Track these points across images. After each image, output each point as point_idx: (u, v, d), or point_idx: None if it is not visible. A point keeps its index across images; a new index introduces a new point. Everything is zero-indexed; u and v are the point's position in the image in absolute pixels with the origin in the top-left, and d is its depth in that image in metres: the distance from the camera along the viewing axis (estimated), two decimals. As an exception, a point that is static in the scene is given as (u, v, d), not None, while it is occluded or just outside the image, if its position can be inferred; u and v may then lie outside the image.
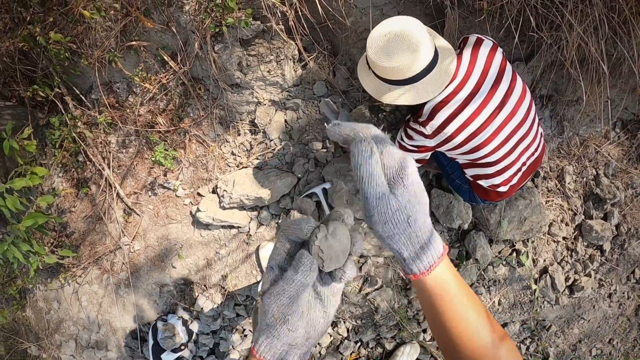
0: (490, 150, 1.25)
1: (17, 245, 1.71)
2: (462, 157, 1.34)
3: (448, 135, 1.21)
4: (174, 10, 1.74)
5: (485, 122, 1.20)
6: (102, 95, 1.80)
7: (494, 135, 1.22)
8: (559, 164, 1.84)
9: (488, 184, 1.38)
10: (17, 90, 2.02)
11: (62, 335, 2.15)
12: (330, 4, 1.73)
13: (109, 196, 1.86)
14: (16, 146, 1.76)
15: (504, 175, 1.34)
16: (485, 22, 1.60)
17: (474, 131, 1.21)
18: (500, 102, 1.21)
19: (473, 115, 1.19)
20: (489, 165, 1.31)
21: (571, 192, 1.83)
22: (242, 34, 1.72)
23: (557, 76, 1.72)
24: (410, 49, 1.09)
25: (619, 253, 1.84)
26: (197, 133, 1.78)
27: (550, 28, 1.54)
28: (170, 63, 1.77)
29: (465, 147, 1.25)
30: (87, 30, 1.81)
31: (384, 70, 1.14)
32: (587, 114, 1.81)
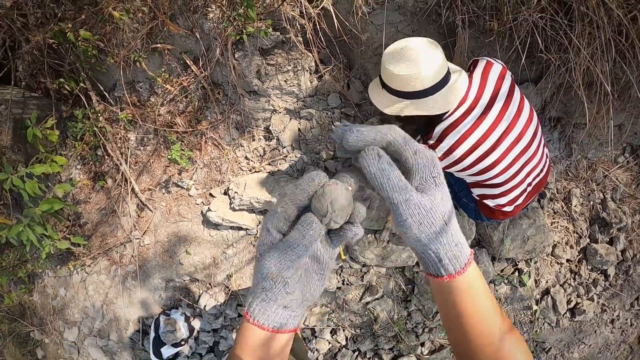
0: (497, 172, 1.28)
1: (32, 228, 1.77)
2: (469, 178, 1.37)
3: (457, 157, 1.25)
4: (198, 17, 1.82)
5: (493, 145, 1.24)
6: (125, 93, 1.88)
7: (501, 157, 1.26)
8: (566, 186, 1.87)
9: (494, 204, 1.42)
10: (44, 83, 2.12)
11: (66, 322, 2.21)
12: (347, 19, 1.80)
13: (124, 190, 1.94)
14: (39, 134, 1.83)
15: (510, 196, 1.38)
16: (495, 43, 1.65)
17: (483, 154, 1.24)
18: (509, 125, 1.25)
19: (482, 138, 1.23)
20: (496, 186, 1.35)
21: (577, 215, 1.85)
22: (262, 44, 1.80)
23: (566, 98, 1.76)
24: (424, 62, 1.14)
25: (623, 279, 1.85)
26: (213, 136, 1.85)
27: (558, 50, 1.58)
28: (192, 67, 1.85)
29: (474, 169, 1.28)
30: (115, 31, 1.90)
31: (395, 77, 1.18)
32: (596, 138, 1.83)
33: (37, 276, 2.25)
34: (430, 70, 1.15)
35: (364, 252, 1.73)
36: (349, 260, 1.78)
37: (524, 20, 1.53)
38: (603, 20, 1.43)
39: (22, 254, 2.24)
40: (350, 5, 1.80)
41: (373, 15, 1.78)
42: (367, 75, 1.90)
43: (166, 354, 2.01)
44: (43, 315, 2.30)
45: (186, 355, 2.05)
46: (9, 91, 2.08)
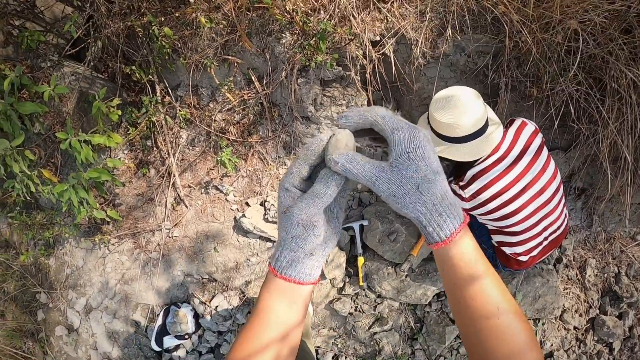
0: (517, 220, 1.41)
1: (76, 190, 1.87)
2: (491, 223, 1.50)
3: (483, 200, 1.38)
4: (272, 39, 2.00)
5: (517, 194, 1.37)
6: (189, 93, 2.03)
7: (522, 207, 1.39)
8: (583, 255, 1.98)
9: (511, 252, 1.54)
10: (111, 67, 2.28)
11: (76, 292, 2.27)
12: (403, 67, 1.98)
13: (165, 182, 2.05)
14: (103, 109, 1.96)
15: (526, 246, 1.50)
16: (532, 108, 1.82)
17: (506, 200, 1.37)
18: (533, 178, 1.38)
19: (508, 186, 1.36)
20: (514, 234, 1.47)
21: (590, 285, 1.95)
22: (324, 75, 1.97)
23: (593, 170, 1.88)
24: (465, 113, 1.28)
25: (627, 355, 1.92)
26: (260, 150, 1.98)
27: (589, 121, 1.71)
28: (255, 83, 2.01)
29: (496, 214, 1.41)
30: (193, 36, 2.08)
31: (439, 124, 1.33)
32: (617, 213, 1.95)
33: (59, 242, 2.34)
34: (470, 121, 1.29)
35: (382, 282, 1.83)
36: (365, 288, 1.87)
37: (560, 91, 1.69)
38: (632, 98, 1.56)
39: (50, 217, 2.33)
40: (408, 56, 1.97)
41: (427, 68, 1.95)
42: (412, 121, 2.05)
43: (167, 343, 2.07)
44: (54, 281, 2.37)
45: (186, 349, 2.11)
46: (80, 66, 2.24)
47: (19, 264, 2.50)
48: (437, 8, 1.89)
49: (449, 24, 1.85)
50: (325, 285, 1.90)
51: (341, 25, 1.92)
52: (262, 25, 2.03)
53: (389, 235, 1.82)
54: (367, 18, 2.02)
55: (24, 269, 2.51)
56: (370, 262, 1.86)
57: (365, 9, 2.00)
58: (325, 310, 1.93)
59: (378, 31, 2.02)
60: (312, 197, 0.48)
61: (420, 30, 1.96)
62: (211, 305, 1.99)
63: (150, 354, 2.17)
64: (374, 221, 1.82)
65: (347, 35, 1.95)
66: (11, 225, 2.49)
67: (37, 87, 1.99)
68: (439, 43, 1.95)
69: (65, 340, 2.36)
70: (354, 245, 1.87)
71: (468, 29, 1.84)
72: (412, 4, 1.94)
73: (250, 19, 2.00)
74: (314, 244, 0.49)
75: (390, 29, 1.97)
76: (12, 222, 2.43)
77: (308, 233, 0.48)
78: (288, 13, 1.97)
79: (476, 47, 1.87)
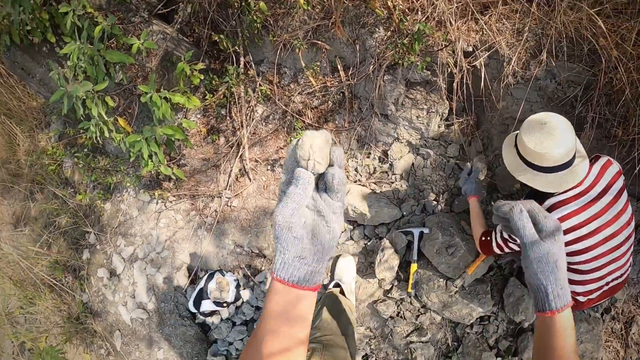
0: (586, 258, 1.43)
1: (148, 143, 1.93)
2: None
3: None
4: (365, 32, 2.01)
5: (591, 232, 1.39)
6: (271, 71, 2.06)
7: (594, 246, 1.40)
8: (632, 311, 1.93)
9: (570, 289, 1.50)
10: (197, 33, 2.33)
11: (125, 239, 2.37)
12: (491, 83, 1.94)
13: (233, 152, 2.10)
14: (187, 71, 2.01)
15: (587, 287, 1.52)
16: (614, 149, 1.77)
17: (580, 236, 1.39)
18: (610, 219, 1.40)
19: (585, 222, 1.38)
20: (579, 272, 1.49)
21: (632, 343, 1.90)
22: (411, 76, 1.96)
23: None
24: (558, 143, 1.30)
25: None
26: (334, 138, 2.00)
27: None
28: (340, 72, 2.03)
29: (567, 248, 1.43)
30: (285, 15, 2.10)
31: (528, 150, 1.35)
32: None
33: (117, 189, 2.44)
34: (561, 152, 1.30)
35: (430, 293, 1.83)
36: (412, 296, 1.87)
37: (647, 137, 1.64)
38: None
39: (115, 164, 2.42)
40: (498, 72, 1.95)
41: (515, 88, 1.93)
42: (490, 140, 2.03)
43: (204, 307, 2.14)
44: (106, 225, 2.48)
45: (221, 317, 2.16)
46: (168, 27, 2.30)
47: (75, 202, 2.62)
48: (535, 29, 1.86)
49: (544, 47, 1.83)
50: (372, 285, 1.91)
51: (437, 29, 1.89)
52: (357, 16, 2.04)
53: (447, 248, 1.81)
54: (463, 27, 2.00)
55: (78, 208, 2.63)
56: (422, 271, 1.86)
57: (463, 17, 1.98)
58: (367, 308, 1.95)
59: (472, 42, 2.00)
60: (285, 199, 0.50)
61: (515, 49, 1.93)
62: (255, 280, 2.04)
63: (185, 313, 2.26)
64: (435, 231, 1.81)
65: (441, 41, 1.93)
66: (75, 165, 2.61)
67: (126, 38, 2.08)
68: (532, 65, 1.92)
69: (105, 283, 2.48)
70: (409, 251, 1.87)
71: (563, 56, 1.82)
72: (510, 20, 1.91)
73: (346, 7, 2.00)
74: (297, 246, 0.50)
75: (485, 42, 1.95)
76: (77, 161, 2.56)
77: (286, 234, 0.50)
78: (387, 8, 1.96)
79: (568, 75, 1.84)
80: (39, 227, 2.91)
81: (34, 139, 3.00)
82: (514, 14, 1.86)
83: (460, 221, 1.92)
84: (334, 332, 1.44)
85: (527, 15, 1.82)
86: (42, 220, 2.96)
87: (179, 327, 2.29)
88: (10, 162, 3.23)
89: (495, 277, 1.93)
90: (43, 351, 2.80)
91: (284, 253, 0.50)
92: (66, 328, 2.74)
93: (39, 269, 2.79)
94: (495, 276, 1.93)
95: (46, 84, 2.51)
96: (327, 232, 0.53)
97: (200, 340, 2.30)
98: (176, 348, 2.34)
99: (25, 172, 3.08)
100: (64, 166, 2.77)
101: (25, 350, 3.15)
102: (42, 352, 2.80)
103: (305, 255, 0.51)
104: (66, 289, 2.74)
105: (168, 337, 2.33)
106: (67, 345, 2.80)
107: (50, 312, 2.84)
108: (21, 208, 3.11)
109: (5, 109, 3.15)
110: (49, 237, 2.82)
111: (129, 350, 2.47)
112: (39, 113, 3.08)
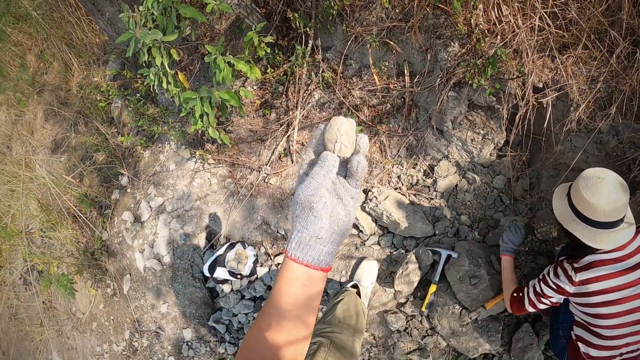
0: (609, 324, 1.43)
1: (202, 103, 1.97)
2: (582, 316, 1.53)
3: (589, 291, 1.41)
4: (439, 43, 1.98)
5: (622, 299, 1.39)
6: (337, 60, 2.06)
7: (620, 314, 1.40)
8: (642, 390, 1.88)
9: (584, 351, 1.56)
10: (271, 7, 2.34)
11: (156, 190, 2.44)
12: (553, 124, 1.90)
13: (282, 131, 2.13)
14: (255, 41, 2.03)
15: (601, 352, 1.51)
16: None
17: (610, 301, 1.39)
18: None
19: (616, 288, 1.38)
20: (598, 336, 1.49)
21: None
22: (475, 98, 1.93)
23: None
24: (610, 198, 1.32)
25: None
26: (384, 141, 2.01)
27: None
28: (406, 77, 2.02)
29: (593, 310, 1.44)
30: (363, 8, 2.10)
31: (583, 201, 1.36)
32: None
33: (160, 140, 2.51)
34: (611, 207, 1.32)
35: (442, 318, 1.83)
36: (424, 315, 1.87)
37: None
38: None
39: (164, 115, 2.48)
40: (562, 115, 1.91)
41: (576, 136, 1.89)
42: (538, 180, 2.00)
43: (218, 274, 2.20)
44: (141, 171, 2.56)
45: (232, 287, 2.21)
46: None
47: (115, 142, 2.70)
48: (610, 81, 1.80)
49: (615, 102, 1.80)
50: (387, 294, 1.92)
51: (512, 58, 1.86)
52: (435, 25, 2.02)
53: (471, 278, 1.80)
54: (538, 61, 1.97)
55: (118, 148, 2.71)
56: (440, 294, 1.86)
57: (540, 52, 1.95)
58: (376, 316, 1.97)
59: (544, 79, 1.97)
60: (309, 179, 0.52)
61: (585, 96, 1.89)
62: (274, 260, 2.07)
63: (197, 275, 2.32)
64: (463, 257, 1.81)
65: (514, 70, 1.90)
66: (125, 107, 2.68)
67: None
68: (598, 117, 1.88)
69: (127, 226, 2.56)
70: (432, 271, 1.87)
71: (632, 115, 1.79)
72: (587, 66, 1.87)
73: (426, 14, 1.98)
74: (316, 225, 0.51)
75: (557, 81, 1.92)
76: (127, 104, 2.62)
77: (307, 213, 0.51)
78: (468, 25, 1.93)
79: (632, 136, 1.81)
80: (76, 158, 3.02)
81: (90, 73, 3.10)
82: (591, 60, 1.82)
83: (491, 255, 1.90)
84: (344, 332, 1.46)
85: (605, 65, 1.78)
86: (80, 152, 3.07)
87: (189, 287, 2.35)
88: (61, 89, 3.34)
89: (510, 318, 1.92)
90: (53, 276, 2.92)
91: (301, 232, 0.52)
92: (80, 260, 2.85)
93: (67, 198, 2.90)
94: (510, 317, 1.92)
95: (114, 24, 2.59)
96: (345, 215, 0.54)
97: (205, 304, 2.36)
98: (181, 306, 2.41)
99: (74, 102, 3.19)
100: (113, 105, 2.86)
101: (35, 271, 3.30)
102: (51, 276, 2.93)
103: (322, 235, 0.52)
104: (89, 222, 2.84)
105: (176, 293, 2.40)
106: (76, 277, 2.91)
107: (68, 241, 2.95)
108: (62, 136, 3.23)
109: (68, 38, 3.26)
110: (84, 169, 2.93)
111: (135, 297, 2.55)
112: (99, 49, 3.17)
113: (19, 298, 3.45)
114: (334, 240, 0.53)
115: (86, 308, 2.93)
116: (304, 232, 0.51)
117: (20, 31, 3.73)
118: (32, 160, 3.31)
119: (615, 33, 1.74)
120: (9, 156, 3.55)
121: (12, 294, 3.45)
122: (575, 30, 1.83)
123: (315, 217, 0.51)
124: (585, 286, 1.40)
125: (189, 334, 2.39)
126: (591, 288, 1.40)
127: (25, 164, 3.23)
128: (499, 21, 1.89)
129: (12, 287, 3.48)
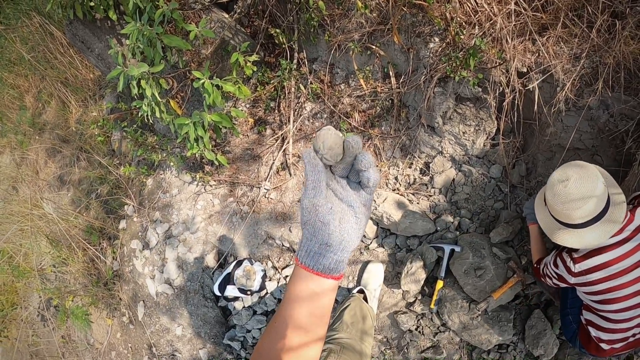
0: (616, 308, 1.46)
1: (196, 127, 2.07)
2: (589, 302, 1.57)
3: (590, 280, 1.44)
4: (420, 41, 2.07)
5: (628, 282, 1.41)
6: (324, 70, 2.17)
7: (628, 297, 1.43)
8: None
9: (595, 335, 1.59)
10: (255, 25, 2.47)
11: (161, 215, 2.54)
12: (544, 108, 1.96)
13: (277, 145, 2.22)
14: (241, 62, 2.13)
15: (612, 335, 1.54)
16: None
17: (614, 286, 1.41)
18: None
19: (621, 272, 1.40)
20: (607, 320, 1.52)
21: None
22: (461, 91, 2.01)
23: None
24: (584, 195, 1.32)
25: None
26: (378, 144, 2.09)
27: None
28: (392, 79, 2.11)
29: (599, 297, 1.47)
30: (343, 16, 2.20)
31: (557, 212, 1.40)
32: None
33: (161, 167, 2.63)
34: (588, 208, 1.33)
35: (452, 313, 1.89)
36: (434, 312, 1.93)
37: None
38: None
39: (162, 143, 2.60)
40: (550, 97, 1.97)
41: (566, 116, 1.95)
42: (534, 165, 2.06)
43: (228, 292, 2.29)
44: (145, 199, 2.67)
45: (243, 304, 2.29)
46: (227, 16, 2.44)
47: (118, 173, 2.83)
48: (593, 56, 1.85)
49: (600, 76, 1.84)
50: (396, 295, 1.99)
51: (492, 46, 1.93)
52: (413, 24, 2.11)
53: (476, 270, 1.86)
54: (519, 46, 2.04)
55: (121, 179, 2.83)
56: (447, 289, 1.92)
57: (520, 36, 2.01)
58: (387, 318, 2.03)
59: (527, 63, 2.04)
60: (306, 186, 0.53)
61: (570, 74, 1.94)
62: (282, 273, 2.16)
63: (208, 295, 2.41)
64: (466, 250, 1.87)
65: (496, 58, 1.97)
66: (123, 138, 2.82)
67: (186, 24, 2.19)
68: (586, 93, 1.93)
69: (136, 254, 2.67)
70: (437, 267, 1.93)
71: (619, 87, 1.83)
72: (569, 45, 1.92)
73: (404, 15, 2.07)
74: (324, 231, 0.51)
75: (540, 64, 1.98)
76: (125, 135, 2.76)
77: (314, 219, 0.51)
78: (445, 20, 2.01)
79: (622, 108, 1.85)
80: (81, 192, 3.16)
81: (87, 108, 3.25)
82: (572, 38, 1.86)
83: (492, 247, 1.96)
84: (353, 337, 1.52)
85: (586, 40, 1.82)
86: (84, 186, 3.21)
87: (201, 308, 2.44)
88: (61, 127, 3.51)
89: (521, 306, 1.96)
90: (69, 309, 3.04)
91: (310, 239, 0.52)
92: (93, 292, 2.97)
93: (75, 232, 3.03)
94: (521, 305, 1.96)
95: (104, 59, 2.73)
96: (355, 222, 0.54)
97: (219, 323, 2.45)
98: (195, 327, 2.50)
99: (74, 139, 3.35)
100: (112, 138, 3.00)
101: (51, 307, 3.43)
102: (67, 310, 3.05)
103: (332, 242, 0.51)
104: (99, 254, 2.97)
105: (189, 315, 2.49)
106: (91, 308, 3.03)
107: (80, 275, 3.08)
108: (66, 171, 3.38)
109: (62, 77, 3.43)
110: (89, 202, 3.06)
111: (150, 322, 2.65)
112: (94, 85, 3.34)
113: (38, 334, 3.58)
114: (344, 247, 0.52)
115: (104, 338, 3.04)
116: (313, 239, 0.51)
117: (17, 74, 3.93)
118: (39, 198, 3.46)
119: (592, 8, 1.79)
120: (17, 197, 3.72)
121: (30, 331, 3.58)
122: (552, 10, 1.88)
123: (322, 223, 0.51)
124: (586, 276, 1.43)
125: (205, 354, 2.48)
126: (593, 277, 1.42)
127: (32, 203, 3.39)
128: (474, 11, 1.96)
129: (30, 325, 3.61)
